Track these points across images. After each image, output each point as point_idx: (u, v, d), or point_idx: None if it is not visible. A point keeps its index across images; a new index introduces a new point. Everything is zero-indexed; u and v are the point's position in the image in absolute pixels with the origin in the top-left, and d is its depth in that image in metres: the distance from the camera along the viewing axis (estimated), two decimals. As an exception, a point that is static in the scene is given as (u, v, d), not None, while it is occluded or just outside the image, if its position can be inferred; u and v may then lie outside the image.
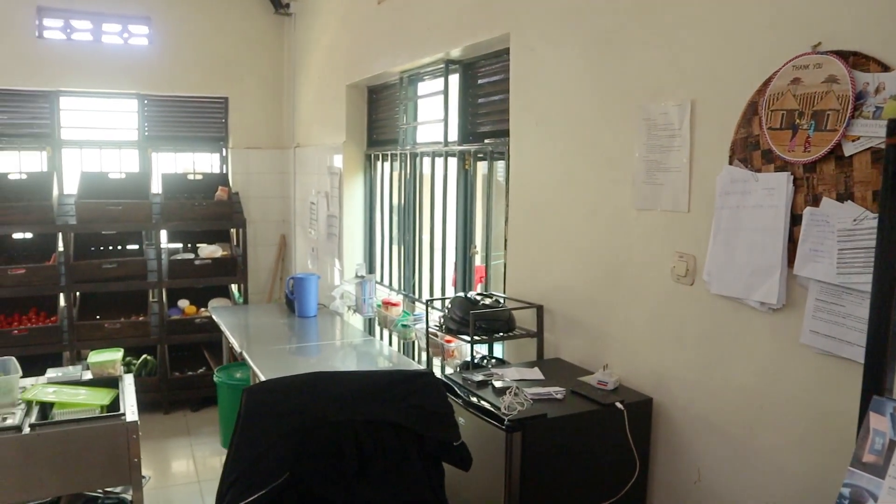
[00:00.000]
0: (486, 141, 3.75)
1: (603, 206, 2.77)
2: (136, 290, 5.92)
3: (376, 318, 4.60)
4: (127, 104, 6.41)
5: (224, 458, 5.01)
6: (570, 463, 2.38)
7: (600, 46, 2.76)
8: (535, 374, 2.69)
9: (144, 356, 5.84)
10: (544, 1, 3.06)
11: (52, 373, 3.62)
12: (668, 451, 2.52)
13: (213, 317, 5.13)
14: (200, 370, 5.97)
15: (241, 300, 6.22)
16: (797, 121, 2.00)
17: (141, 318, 5.83)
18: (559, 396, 2.46)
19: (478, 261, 3.94)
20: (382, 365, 4.02)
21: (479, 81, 3.89)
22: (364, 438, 1.98)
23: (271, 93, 6.71)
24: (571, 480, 2.39)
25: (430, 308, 3.32)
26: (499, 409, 2.30)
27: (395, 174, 4.84)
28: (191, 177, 6.39)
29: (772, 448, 2.15)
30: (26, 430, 2.99)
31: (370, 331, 4.94)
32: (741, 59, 2.19)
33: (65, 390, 3.36)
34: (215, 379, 4.93)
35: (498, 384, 2.51)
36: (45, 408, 3.23)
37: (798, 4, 2.02)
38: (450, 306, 3.09)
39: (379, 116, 5.16)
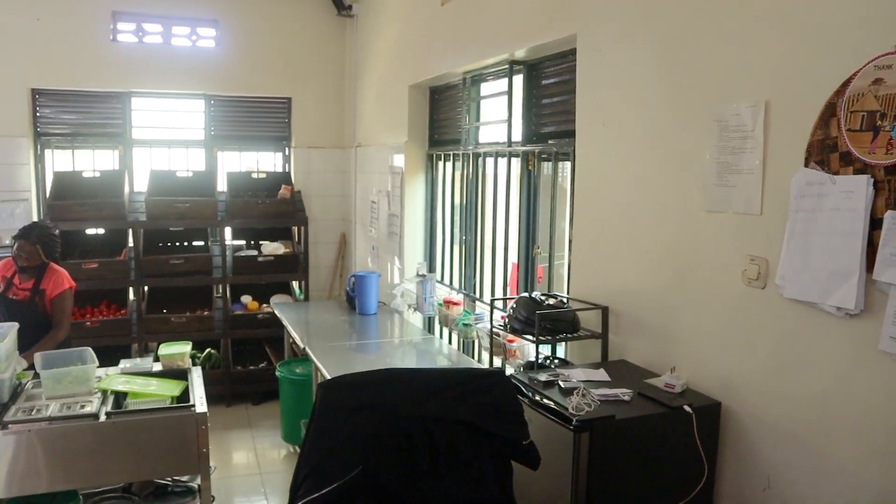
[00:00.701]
0: (550, 141, 3.74)
1: (671, 208, 2.75)
2: (201, 286, 6.10)
3: (436, 317, 4.64)
4: (194, 104, 6.60)
5: (285, 451, 5.11)
6: (637, 465, 2.37)
7: (670, 47, 2.74)
8: (601, 375, 2.69)
9: (208, 350, 6.00)
10: (612, 1, 3.05)
11: (124, 363, 3.75)
12: (737, 456, 2.49)
13: (276, 312, 5.23)
14: (262, 365, 6.10)
15: (301, 297, 6.33)
16: (879, 122, 1.96)
17: (206, 313, 5.99)
18: (626, 398, 2.45)
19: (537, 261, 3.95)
20: (442, 363, 4.05)
21: (544, 82, 3.88)
22: (435, 435, 2.01)
23: (333, 93, 6.82)
24: (638, 482, 2.38)
25: (493, 308, 3.33)
26: (566, 409, 2.30)
27: (457, 174, 4.87)
28: (255, 175, 6.55)
29: (848, 457, 2.11)
30: (103, 417, 3.10)
31: (429, 329, 4.98)
32: (818, 59, 2.15)
33: (137, 381, 3.47)
34: (277, 374, 5.03)
35: (565, 384, 2.52)
36: (119, 397, 3.34)
37: (880, 2, 1.98)
38: (514, 306, 3.11)
39: (441, 116, 5.20)
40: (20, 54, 5.87)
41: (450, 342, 4.75)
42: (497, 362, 3.65)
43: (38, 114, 6.11)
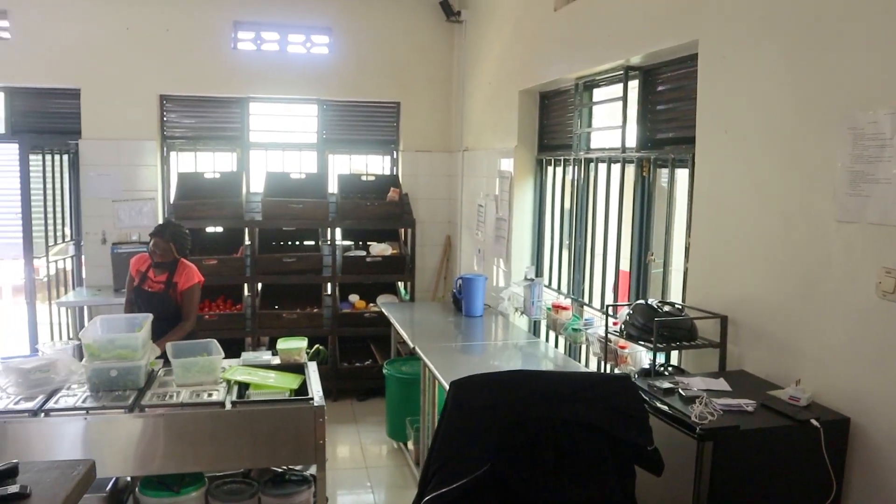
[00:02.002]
0: (666, 148, 3.71)
1: (798, 217, 2.69)
2: (310, 284, 6.30)
3: (542, 321, 4.65)
4: (307, 109, 6.85)
5: (389, 447, 5.22)
6: (761, 477, 2.34)
7: (800, 52, 2.68)
8: (722, 384, 2.65)
9: (317, 346, 6.19)
10: (736, 6, 3.01)
11: (245, 356, 3.94)
12: (867, 474, 2.41)
13: (384, 311, 5.37)
14: (367, 362, 6.27)
15: (407, 297, 6.47)
16: None
17: (315, 310, 6.19)
18: (749, 409, 2.42)
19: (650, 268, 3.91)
20: (548, 366, 4.07)
21: (660, 88, 3.85)
22: (562, 437, 2.05)
23: (441, 98, 6.93)
24: (761, 495, 2.34)
25: (607, 314, 3.33)
26: (689, 417, 2.30)
27: (567, 179, 4.87)
28: (364, 178, 6.74)
29: None
30: (228, 406, 3.29)
31: (534, 332, 5.00)
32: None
33: (259, 373, 3.65)
34: (385, 371, 5.15)
35: (686, 393, 2.50)
36: (241, 387, 3.52)
37: None
38: (631, 312, 3.10)
39: (551, 121, 5.20)
40: (151, 63, 6.26)
41: (556, 346, 4.75)
42: (607, 368, 3.64)
43: (164, 118, 6.50)
